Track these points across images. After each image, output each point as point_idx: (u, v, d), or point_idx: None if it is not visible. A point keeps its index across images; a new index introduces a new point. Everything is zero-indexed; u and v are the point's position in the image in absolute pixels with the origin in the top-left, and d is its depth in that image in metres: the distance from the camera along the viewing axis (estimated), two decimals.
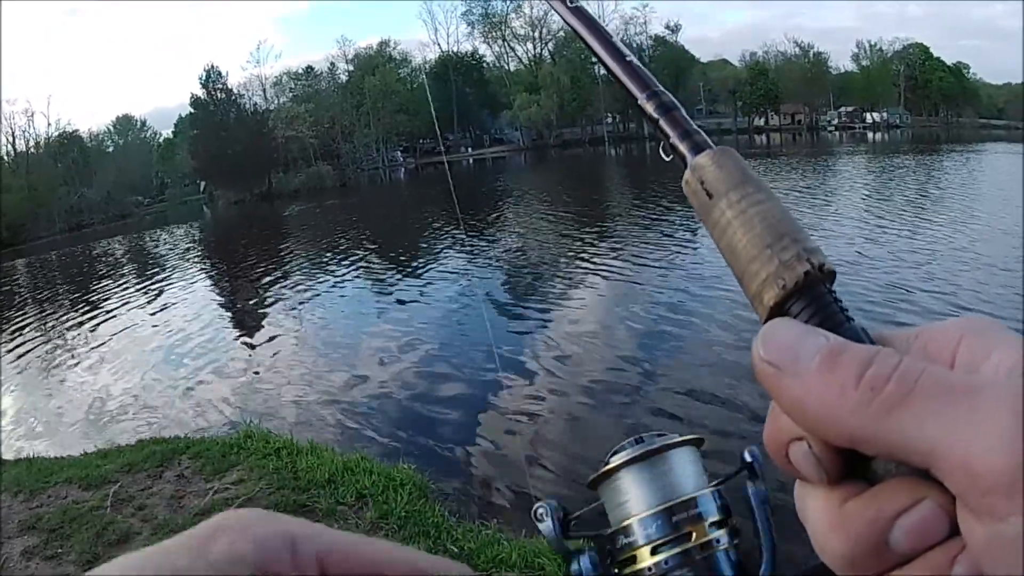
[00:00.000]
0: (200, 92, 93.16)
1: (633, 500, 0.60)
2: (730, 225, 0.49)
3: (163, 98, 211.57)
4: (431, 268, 21.98)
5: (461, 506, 7.18)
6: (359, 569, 0.38)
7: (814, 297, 0.46)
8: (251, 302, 21.32)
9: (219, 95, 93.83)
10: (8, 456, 10.40)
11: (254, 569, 0.35)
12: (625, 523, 0.60)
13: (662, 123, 0.59)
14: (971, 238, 18.44)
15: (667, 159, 0.58)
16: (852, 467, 0.42)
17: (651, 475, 0.61)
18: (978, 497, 0.34)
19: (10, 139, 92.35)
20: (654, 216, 27.30)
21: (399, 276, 21.28)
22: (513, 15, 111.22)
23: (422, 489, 6.80)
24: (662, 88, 0.61)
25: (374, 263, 25.04)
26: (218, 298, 23.87)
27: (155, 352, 16.46)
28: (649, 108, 0.60)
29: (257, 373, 13.43)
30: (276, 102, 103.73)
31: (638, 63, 0.64)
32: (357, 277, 22.44)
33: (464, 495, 7.69)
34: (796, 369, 0.41)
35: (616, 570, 0.60)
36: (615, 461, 0.62)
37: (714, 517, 0.59)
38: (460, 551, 5.55)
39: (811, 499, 0.44)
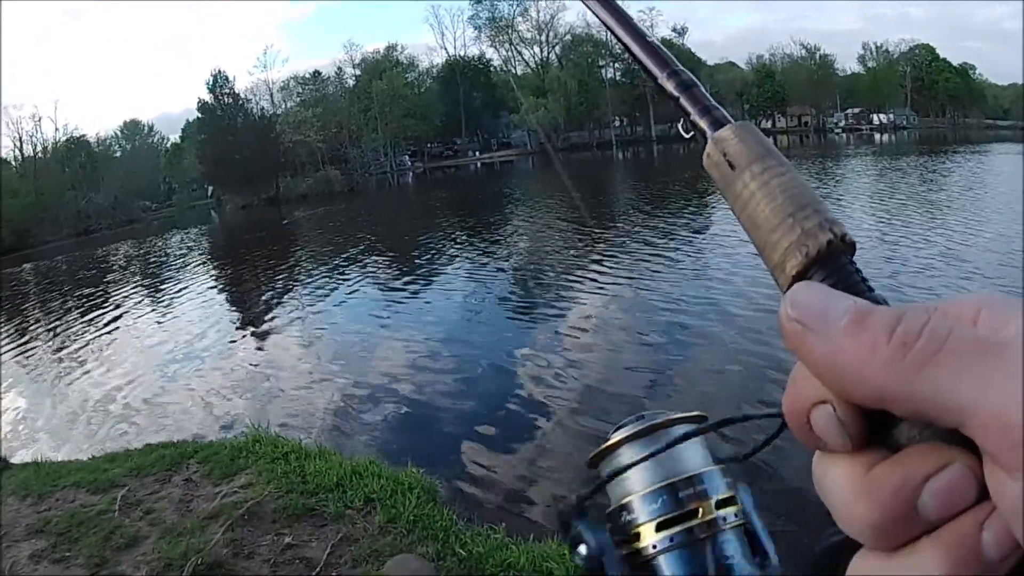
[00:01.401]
0: (207, 97, 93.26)
1: (635, 476, 0.59)
2: (753, 196, 0.49)
3: (170, 103, 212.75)
4: (439, 272, 22.02)
5: (470, 510, 7.14)
6: None
7: (836, 267, 0.46)
8: (259, 307, 21.32)
9: (226, 100, 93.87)
10: (16, 459, 10.40)
11: None
12: (627, 499, 0.59)
13: (682, 100, 0.59)
14: (974, 238, 18.37)
15: (687, 136, 0.59)
16: (876, 432, 0.41)
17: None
18: (1011, 451, 0.33)
19: (17, 144, 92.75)
20: (662, 218, 27.30)
21: (407, 280, 21.26)
22: (520, 19, 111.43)
23: (430, 493, 6.79)
24: (682, 67, 0.61)
25: (382, 267, 25.05)
26: (226, 302, 23.89)
27: (163, 356, 16.47)
28: (669, 86, 0.60)
29: (266, 377, 13.42)
30: (283, 107, 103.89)
31: (658, 43, 0.64)
32: (365, 281, 22.42)
33: (473, 499, 7.66)
34: (825, 327, 0.40)
35: (619, 549, 0.59)
36: (616, 437, 0.62)
37: (720, 495, 0.58)
38: (469, 555, 5.54)
39: (833, 468, 0.42)
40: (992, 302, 0.41)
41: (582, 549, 0.59)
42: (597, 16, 0.69)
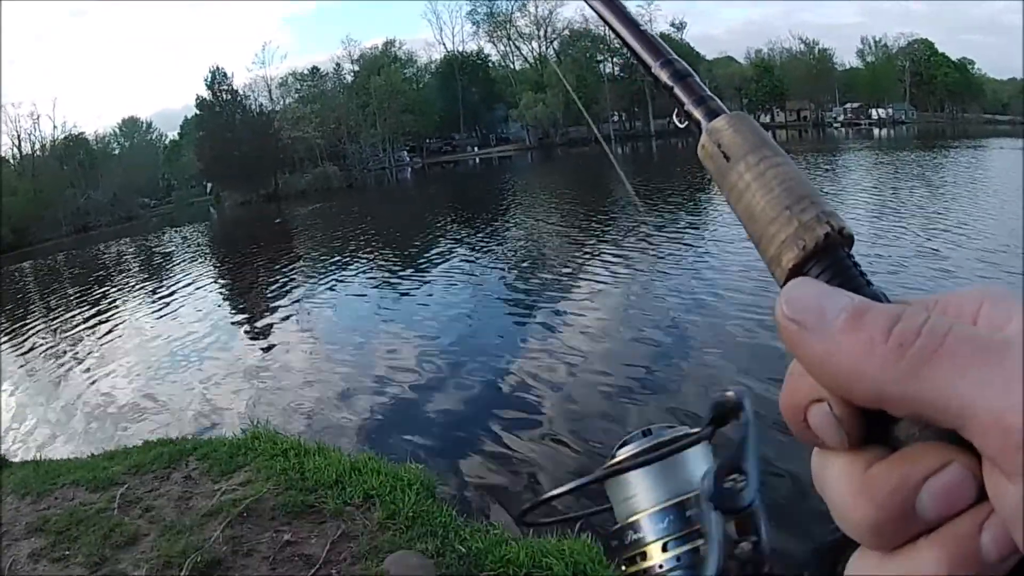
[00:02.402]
0: (206, 93, 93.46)
1: (642, 495, 0.58)
2: (748, 188, 0.48)
3: (169, 100, 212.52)
4: (439, 268, 21.97)
5: (469, 506, 7.16)
6: None
7: (834, 260, 0.45)
8: (257, 304, 21.33)
9: (225, 96, 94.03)
10: (15, 458, 10.41)
11: None
12: (633, 518, 0.58)
13: (676, 90, 0.58)
14: (973, 232, 18.34)
15: (681, 126, 0.57)
16: (874, 431, 0.41)
17: (660, 469, 0.58)
18: (1011, 455, 0.33)
19: (16, 142, 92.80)
20: (660, 211, 27.25)
21: (406, 277, 21.26)
22: (518, 14, 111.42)
23: (430, 489, 6.78)
24: (675, 56, 0.60)
25: (380, 265, 25.03)
26: (224, 299, 23.89)
27: (162, 353, 16.47)
28: (663, 76, 0.59)
29: (265, 374, 13.43)
30: (282, 103, 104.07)
31: (651, 32, 0.63)
32: (363, 278, 22.43)
33: (472, 495, 7.68)
34: (822, 326, 0.39)
35: (623, 567, 0.58)
36: (622, 455, 0.60)
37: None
38: (468, 551, 5.53)
39: (831, 466, 0.42)
40: (995, 296, 0.40)
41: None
42: (590, 4, 0.68)
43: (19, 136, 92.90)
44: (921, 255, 16.37)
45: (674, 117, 0.58)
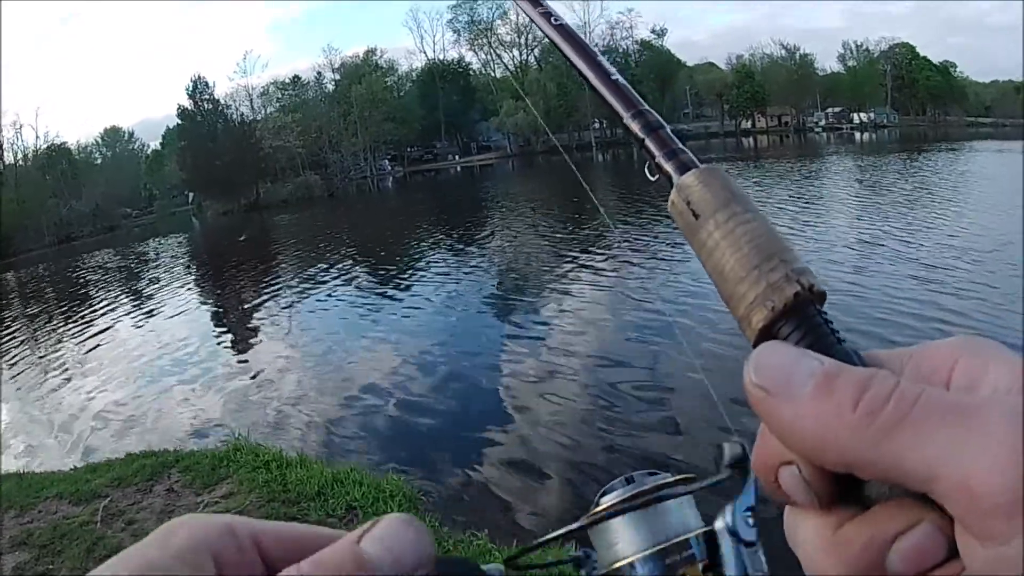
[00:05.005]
0: (187, 103, 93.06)
1: (624, 542, 0.59)
2: (717, 246, 0.48)
3: (151, 109, 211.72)
4: (420, 279, 21.97)
5: (451, 516, 7.18)
6: (291, 544, 0.40)
7: (804, 319, 0.45)
8: (240, 314, 21.29)
9: (206, 106, 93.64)
10: None
11: (211, 553, 0.38)
12: (616, 565, 0.58)
13: (648, 143, 0.58)
14: (963, 244, 18.37)
15: (653, 179, 0.58)
16: (844, 491, 0.41)
17: (643, 516, 0.59)
18: (978, 519, 0.34)
19: None
20: (642, 220, 27.28)
21: (388, 287, 21.24)
22: (499, 22, 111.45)
23: (412, 500, 6.83)
24: (648, 107, 0.60)
25: (361, 275, 24.96)
26: (207, 310, 23.83)
27: (144, 365, 16.41)
28: (635, 127, 0.59)
29: (246, 386, 13.39)
30: (263, 112, 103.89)
31: (623, 81, 0.63)
32: (346, 289, 22.34)
33: (454, 505, 7.69)
34: (789, 393, 0.40)
35: None
36: (605, 503, 0.61)
37: (708, 558, 0.57)
38: None
39: (802, 524, 0.43)
40: (970, 348, 0.41)
41: None
42: (562, 52, 0.67)
43: (1, 146, 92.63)
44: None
45: (645, 169, 0.58)
